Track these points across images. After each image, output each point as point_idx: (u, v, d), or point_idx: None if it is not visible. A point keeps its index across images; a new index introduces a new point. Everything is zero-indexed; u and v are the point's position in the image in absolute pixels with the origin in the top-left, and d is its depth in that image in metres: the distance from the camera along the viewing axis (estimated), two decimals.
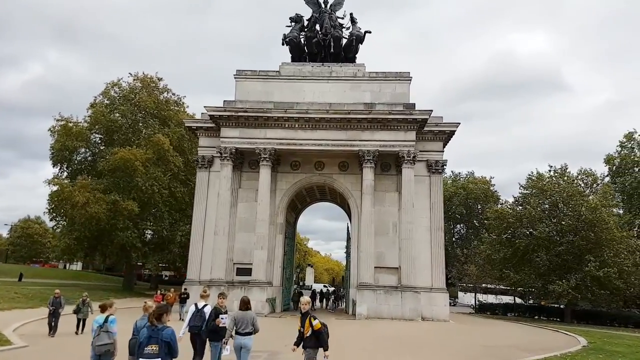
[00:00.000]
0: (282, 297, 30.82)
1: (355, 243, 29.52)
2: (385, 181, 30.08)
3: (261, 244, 27.89)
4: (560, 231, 35.64)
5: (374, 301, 26.45)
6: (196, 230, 30.72)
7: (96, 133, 46.66)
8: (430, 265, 29.11)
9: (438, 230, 29.50)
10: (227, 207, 28.65)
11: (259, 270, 27.65)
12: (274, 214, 30.22)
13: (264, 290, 27.12)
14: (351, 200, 30.15)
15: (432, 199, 29.92)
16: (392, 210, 29.67)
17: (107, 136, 46.25)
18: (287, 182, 30.75)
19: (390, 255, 29.06)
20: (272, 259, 29.80)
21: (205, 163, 31.23)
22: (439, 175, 30.26)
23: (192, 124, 31.51)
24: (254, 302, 26.64)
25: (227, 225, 28.53)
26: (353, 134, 28.54)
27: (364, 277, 27.14)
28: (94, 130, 45.86)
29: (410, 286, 26.80)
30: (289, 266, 32.63)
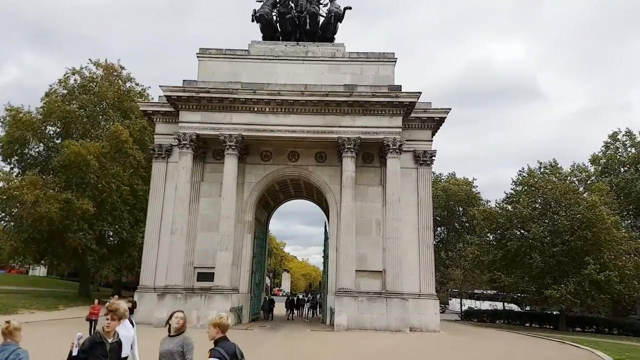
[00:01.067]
0: (251, 305, 27.08)
1: (333, 243, 26.03)
2: (367, 174, 26.73)
3: (225, 244, 24.14)
4: (554, 231, 32.88)
5: (355, 310, 22.96)
6: (151, 229, 26.79)
7: (51, 125, 42.17)
8: (419, 267, 25.81)
9: (426, 229, 26.24)
10: (187, 203, 24.81)
11: (222, 275, 23.88)
12: (241, 211, 26.52)
13: (228, 298, 23.36)
14: (329, 195, 26.67)
15: (420, 193, 26.68)
16: (375, 206, 26.32)
17: (63, 129, 41.90)
18: (257, 175, 27.09)
19: (373, 257, 25.69)
20: (239, 262, 26.06)
21: (162, 153, 27.35)
22: (428, 168, 27.04)
23: (147, 107, 27.57)
24: (215, 312, 22.99)
25: (186, 223, 24.68)
26: (331, 120, 25.10)
27: (344, 281, 23.65)
28: (48, 121, 41.35)
29: (397, 292, 23.40)
30: (259, 270, 28.93)
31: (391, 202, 24.22)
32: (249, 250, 26.48)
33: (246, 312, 26.08)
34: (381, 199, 26.33)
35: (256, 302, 28.42)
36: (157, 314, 23.06)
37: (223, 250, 24.09)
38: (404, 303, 23.15)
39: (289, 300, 33.36)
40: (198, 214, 26.54)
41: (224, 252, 24.09)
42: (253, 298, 27.48)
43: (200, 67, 27.04)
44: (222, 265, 23.97)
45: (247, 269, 26.28)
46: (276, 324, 26.92)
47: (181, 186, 24.69)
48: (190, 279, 25.86)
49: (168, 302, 23.23)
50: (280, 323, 27.80)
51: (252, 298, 27.36)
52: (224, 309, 23.01)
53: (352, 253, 23.96)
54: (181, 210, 24.47)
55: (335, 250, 25.90)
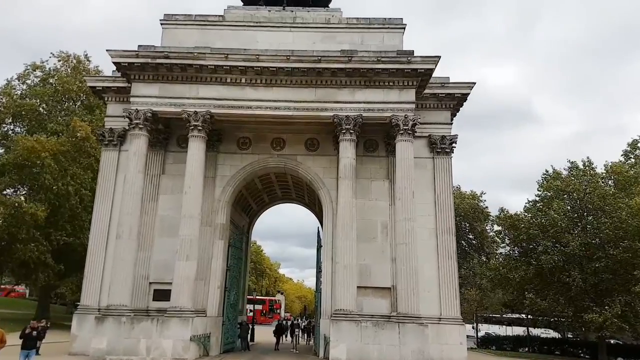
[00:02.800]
0: (223, 332, 21.23)
1: (328, 252, 20.41)
2: (370, 165, 21.30)
3: (186, 252, 18.48)
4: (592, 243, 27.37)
5: (358, 339, 17.21)
6: (97, 234, 21.14)
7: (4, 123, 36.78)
8: (438, 283, 20.16)
9: (447, 234, 20.65)
10: (138, 199, 19.24)
11: (181, 292, 18.17)
12: (211, 211, 20.95)
13: (188, 323, 17.58)
14: (323, 191, 21.16)
15: (437, 189, 21.19)
16: (380, 205, 20.82)
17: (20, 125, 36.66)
18: (233, 167, 21.60)
19: (379, 269, 20.09)
20: (207, 276, 20.36)
21: (114, 139, 21.88)
22: (447, 157, 21.58)
23: (96, 82, 22.11)
24: (170, 341, 17.24)
25: (137, 225, 19.06)
26: (325, 93, 19.73)
27: (342, 301, 17.95)
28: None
29: (412, 315, 17.71)
30: (235, 288, 23.15)
31: (403, 199, 18.69)
32: (220, 261, 20.79)
33: (216, 342, 20.24)
34: (388, 196, 20.87)
35: (231, 328, 22.57)
36: (95, 342, 17.45)
37: (183, 259, 18.43)
38: (423, 330, 17.42)
39: (277, 326, 27.32)
40: (156, 215, 20.97)
41: (184, 262, 18.42)
42: (226, 323, 21.67)
43: (164, 36, 21.64)
44: (181, 279, 18.28)
45: (218, 285, 20.54)
46: (255, 357, 21.06)
47: (131, 177, 19.13)
48: (144, 297, 20.16)
49: (109, 328, 17.53)
50: (260, 355, 21.92)
51: (226, 323, 21.55)
52: (182, 337, 17.30)
53: (353, 263, 18.33)
54: (131, 207, 18.87)
55: (330, 260, 20.28)
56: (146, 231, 20.66)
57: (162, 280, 19.96)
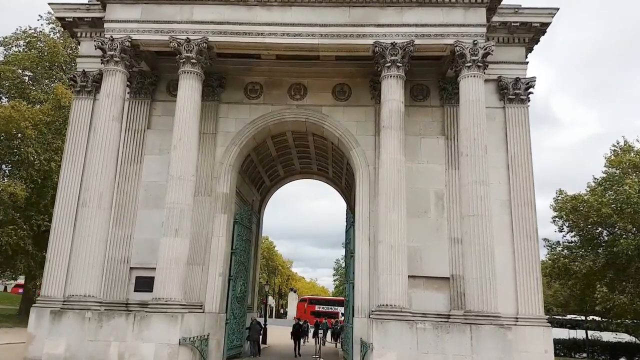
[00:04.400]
0: (226, 333, 16.30)
1: (364, 231, 15.39)
2: (419, 118, 16.21)
3: (175, 225, 13.58)
4: None
5: (412, 346, 12.17)
6: (64, 205, 16.36)
7: None
8: (514, 271, 15.01)
9: (525, 207, 15.46)
10: (112, 156, 14.37)
11: (167, 280, 13.28)
12: (211, 176, 16.08)
13: (176, 321, 12.68)
14: (355, 152, 16.14)
15: (510, 149, 16.02)
16: (433, 169, 15.75)
17: None
18: (239, 121, 16.67)
19: (432, 253, 15.04)
20: (204, 260, 15.49)
21: (87, 84, 17.03)
22: (522, 107, 16.34)
23: (65, 13, 17.15)
24: (151, 346, 12.40)
25: (110, 190, 14.21)
26: (363, 14, 14.62)
27: (389, 294, 12.88)
28: None
29: (489, 314, 12.59)
30: (242, 277, 18.20)
31: (473, 154, 13.55)
32: (223, 241, 15.87)
33: (216, 346, 15.33)
34: (444, 157, 15.81)
35: (237, 328, 17.63)
36: (49, 346, 12.68)
37: (170, 235, 13.53)
38: (504, 335, 12.29)
39: (296, 327, 21.98)
40: (139, 181, 16.14)
41: (171, 238, 13.52)
42: (231, 321, 16.76)
43: None
44: (167, 261, 13.39)
45: (220, 273, 15.62)
46: None
47: (103, 126, 14.27)
48: (123, 287, 15.35)
49: (69, 327, 12.74)
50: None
51: (230, 321, 16.64)
52: (168, 340, 12.44)
53: (402, 242, 13.25)
54: (101, 166, 14.01)
55: (367, 241, 15.28)
56: (126, 202, 15.88)
57: (147, 265, 15.13)
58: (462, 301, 14.55)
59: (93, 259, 13.52)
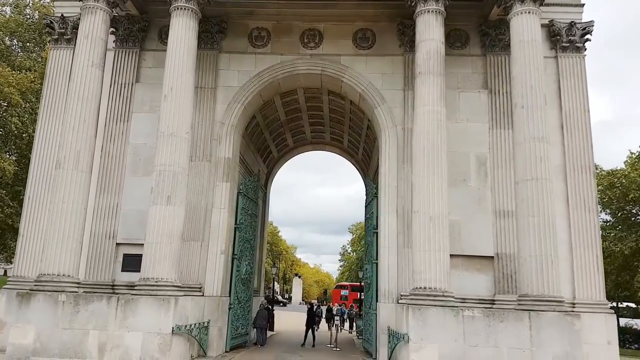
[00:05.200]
0: (230, 319, 14.07)
1: (391, 201, 13.05)
2: (456, 69, 13.72)
3: (167, 191, 11.24)
4: None
5: (457, 337, 9.87)
6: (40, 169, 14.03)
7: None
8: (569, 248, 12.65)
9: (583, 172, 13.05)
10: (92, 107, 11.98)
11: (158, 256, 10.97)
12: (211, 138, 13.72)
13: (168, 305, 10.39)
14: (380, 110, 13.70)
15: (565, 105, 13.55)
16: (474, 129, 13.35)
17: None
18: (243, 74, 14.22)
19: (474, 228, 12.73)
20: (204, 235, 13.20)
21: (66, 31, 14.52)
22: (578, 56, 13.81)
23: None
24: (138, 335, 10.16)
25: (90, 149, 11.85)
26: None
27: (427, 275, 10.52)
28: None
29: (551, 298, 10.24)
30: (248, 257, 15.90)
31: (530, 106, 11.07)
32: (225, 214, 13.55)
33: (218, 334, 13.10)
34: (487, 114, 13.40)
35: (242, 314, 15.37)
36: (14, 335, 10.52)
37: (161, 202, 11.20)
38: (571, 323, 9.96)
39: (309, 312, 18.86)
40: (127, 143, 13.79)
41: (163, 206, 11.19)
42: (235, 306, 14.50)
43: None
44: (158, 235, 11.08)
45: (222, 250, 13.33)
46: None
47: (81, 73, 11.85)
48: (108, 266, 13.10)
49: (40, 312, 10.49)
50: (283, 355, 14.73)
51: (234, 306, 14.38)
52: (159, 329, 10.18)
53: (443, 213, 10.88)
54: (78, 119, 11.64)
55: (394, 214, 12.94)
56: (111, 167, 13.57)
57: (136, 241, 12.85)
58: (508, 284, 12.32)
59: (69, 231, 11.22)
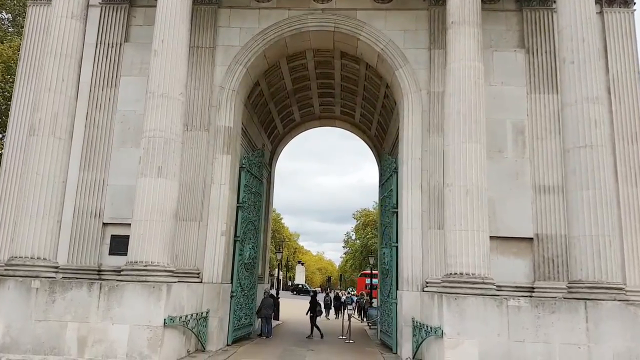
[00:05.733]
0: (232, 309, 12.57)
1: (414, 175, 11.47)
2: (489, 25, 11.94)
3: (158, 161, 9.65)
4: None
5: (502, 330, 8.35)
6: (17, 136, 12.42)
7: None
8: (620, 229, 10.99)
9: (633, 143, 11.43)
10: (72, 65, 10.35)
11: (148, 237, 9.41)
12: (209, 105, 12.11)
13: (159, 293, 8.87)
14: (403, 71, 12.03)
15: (612, 67, 11.86)
16: (510, 93, 11.70)
17: None
18: (245, 32, 12.55)
19: (510, 206, 11.17)
20: (201, 214, 11.66)
21: None
22: (626, 11, 12.12)
23: None
24: (124, 328, 8.61)
25: (68, 113, 10.24)
26: None
27: (464, 259, 8.90)
28: None
29: (610, 285, 8.69)
30: (251, 239, 14.35)
31: (581, 60, 9.37)
32: (226, 191, 11.98)
33: (218, 325, 11.60)
34: (524, 76, 11.77)
35: (245, 303, 13.88)
36: None
37: (151, 174, 9.61)
38: (636, 315, 8.43)
39: (312, 301, 16.96)
40: (114, 110, 12.19)
41: (153, 179, 9.61)
42: (238, 294, 13.00)
43: None
44: (147, 211, 9.52)
45: (223, 231, 11.78)
46: (288, 354, 12.37)
47: (59, 25, 10.20)
48: (94, 249, 11.59)
49: (9, 301, 9.01)
50: (293, 350, 13.23)
51: (237, 294, 12.88)
52: (148, 320, 8.68)
53: (482, 185, 9.26)
54: (55, 78, 10.03)
55: (418, 190, 11.37)
56: (98, 137, 12.00)
57: (125, 220, 11.31)
58: (549, 269, 10.81)
59: (45, 208, 9.68)
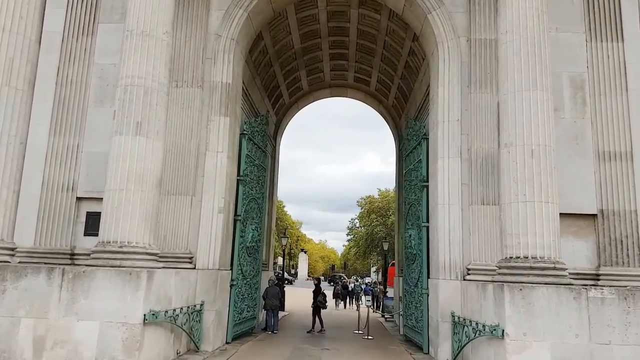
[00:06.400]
0: (232, 300, 10.64)
1: (452, 139, 9.45)
2: None
3: (136, 116, 7.61)
4: None
5: (582, 329, 6.38)
6: None
7: None
8: None
9: None
10: (35, 6, 8.31)
11: (123, 211, 7.45)
12: (203, 57, 10.07)
13: (138, 283, 6.91)
14: (437, 14, 9.92)
15: None
16: (565, 41, 9.61)
17: None
18: None
19: (566, 176, 9.03)
20: (194, 187, 9.68)
21: None
22: None
23: None
24: (93, 325, 6.57)
25: (26, 60, 8.22)
26: None
27: (528, 238, 6.92)
28: None
29: None
30: (255, 219, 12.37)
31: None
32: (223, 159, 9.98)
33: (215, 319, 9.67)
34: (582, 20, 9.67)
35: (247, 293, 11.94)
36: None
37: (128, 132, 7.58)
38: None
39: (316, 291, 14.82)
40: (91, 63, 10.16)
41: (130, 137, 7.59)
42: (239, 282, 11.06)
43: None
44: (123, 179, 7.53)
45: (220, 208, 9.81)
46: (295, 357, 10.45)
47: None
48: (66, 227, 9.66)
49: None
50: (304, 347, 11.30)
51: (237, 282, 10.94)
52: (124, 316, 6.66)
53: (551, 145, 7.24)
54: (11, 18, 7.99)
55: (456, 158, 9.36)
56: (71, 96, 10.00)
57: (104, 194, 9.32)
58: (617, 252, 8.84)
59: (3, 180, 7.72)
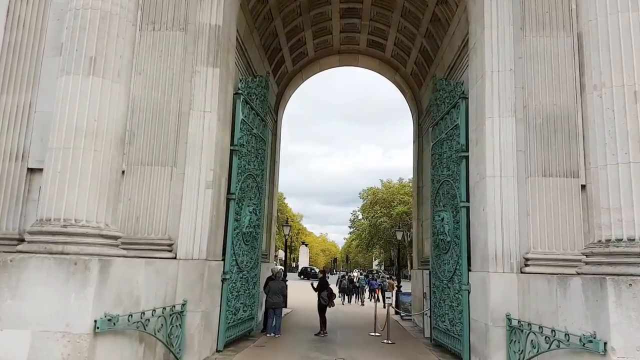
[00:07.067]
0: (224, 298, 8.64)
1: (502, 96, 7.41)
2: None
3: (90, 50, 5.58)
4: None
5: None
6: None
7: None
8: None
9: None
10: None
11: (71, 175, 5.40)
12: None
13: (85, 277, 4.89)
14: None
15: None
16: None
17: None
18: None
19: None
20: (175, 155, 7.65)
21: None
22: None
23: None
24: (22, 341, 4.43)
25: None
26: None
27: (633, 212, 4.94)
28: None
29: None
30: (253, 200, 10.37)
31: None
32: (213, 121, 7.96)
33: (201, 323, 7.69)
34: None
35: (243, 288, 9.94)
36: None
37: (78, 70, 5.52)
38: None
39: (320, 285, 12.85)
40: (49, 4, 8.09)
41: (80, 77, 5.54)
42: (233, 275, 9.07)
43: None
44: (70, 134, 5.48)
45: (207, 183, 7.79)
46: None
47: None
48: (15, 206, 7.60)
49: None
50: (313, 357, 9.34)
51: (231, 275, 8.95)
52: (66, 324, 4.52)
53: None
54: None
55: (509, 118, 7.32)
56: (23, 43, 7.98)
57: None
58: None
59: None
